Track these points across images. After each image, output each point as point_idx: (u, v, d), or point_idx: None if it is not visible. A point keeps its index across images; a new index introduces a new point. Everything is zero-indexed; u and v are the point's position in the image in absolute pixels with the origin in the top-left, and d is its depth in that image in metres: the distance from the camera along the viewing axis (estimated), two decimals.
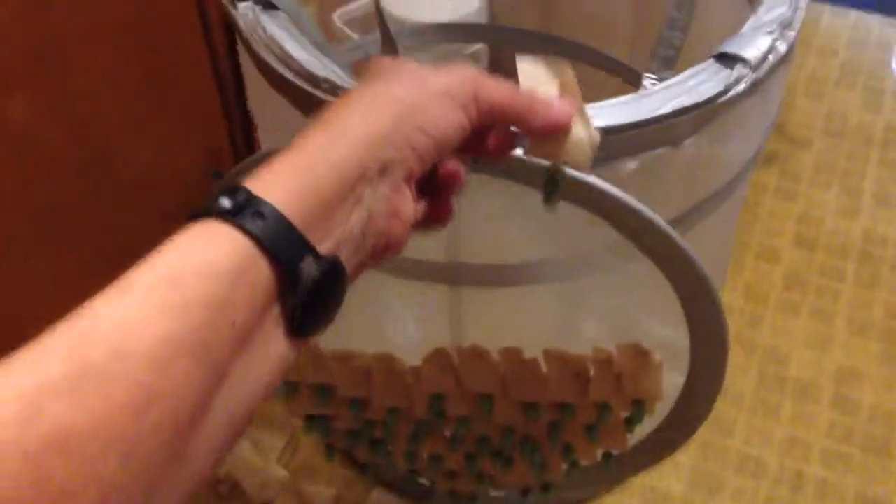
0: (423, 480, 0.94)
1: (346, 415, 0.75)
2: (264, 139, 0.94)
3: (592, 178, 0.58)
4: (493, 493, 0.91)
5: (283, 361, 0.31)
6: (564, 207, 0.60)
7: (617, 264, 0.73)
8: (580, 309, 0.84)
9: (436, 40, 1.07)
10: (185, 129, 1.18)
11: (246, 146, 1.30)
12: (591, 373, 0.70)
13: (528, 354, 0.71)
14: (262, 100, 0.79)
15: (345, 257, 0.33)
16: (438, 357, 0.72)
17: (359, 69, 0.40)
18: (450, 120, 0.35)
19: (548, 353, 0.70)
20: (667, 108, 0.63)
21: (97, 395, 0.25)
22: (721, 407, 1.08)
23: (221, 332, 0.28)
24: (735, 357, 1.20)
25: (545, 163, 0.50)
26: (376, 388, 0.73)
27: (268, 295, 0.30)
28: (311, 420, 0.79)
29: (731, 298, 1.29)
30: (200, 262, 0.29)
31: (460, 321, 0.77)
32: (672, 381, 0.73)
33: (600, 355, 0.70)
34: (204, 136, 1.23)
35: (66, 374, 0.25)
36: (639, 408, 0.70)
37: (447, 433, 0.78)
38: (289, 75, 0.67)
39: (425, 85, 0.35)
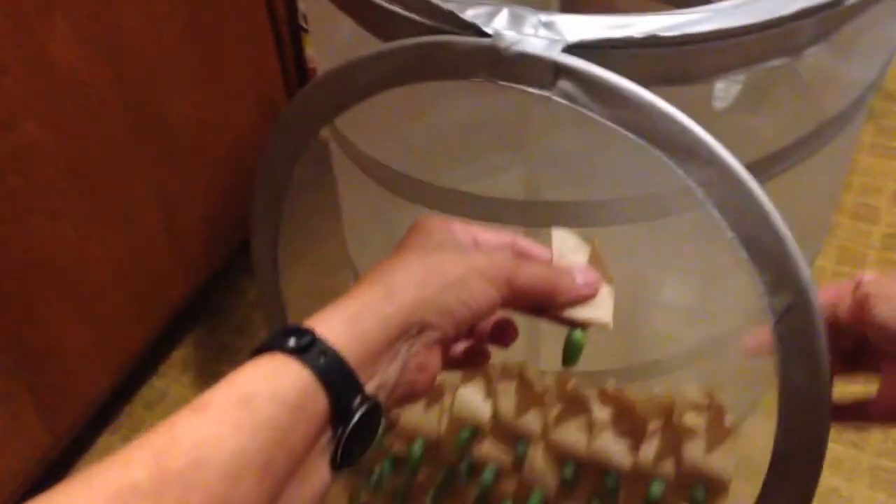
0: None
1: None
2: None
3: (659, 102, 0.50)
4: None
5: (323, 488, 0.35)
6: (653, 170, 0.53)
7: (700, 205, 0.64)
8: (660, 256, 0.75)
9: None
10: (236, 77, 1.12)
11: None
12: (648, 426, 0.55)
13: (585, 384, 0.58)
14: (323, 40, 0.72)
15: (381, 399, 0.37)
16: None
17: (412, 227, 0.45)
18: (485, 297, 0.40)
19: (603, 394, 0.57)
20: (789, 10, 0.54)
21: (177, 499, 0.29)
22: None
23: (282, 454, 0.32)
24: None
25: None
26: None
27: (321, 426, 0.34)
28: None
29: (821, 262, 1.18)
30: (270, 389, 0.33)
31: None
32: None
33: (658, 403, 0.55)
34: (257, 85, 1.17)
35: (151, 478, 0.29)
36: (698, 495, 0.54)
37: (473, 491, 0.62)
38: None
39: (468, 263, 0.40)
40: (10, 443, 0.93)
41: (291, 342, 0.34)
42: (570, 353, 0.46)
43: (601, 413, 0.55)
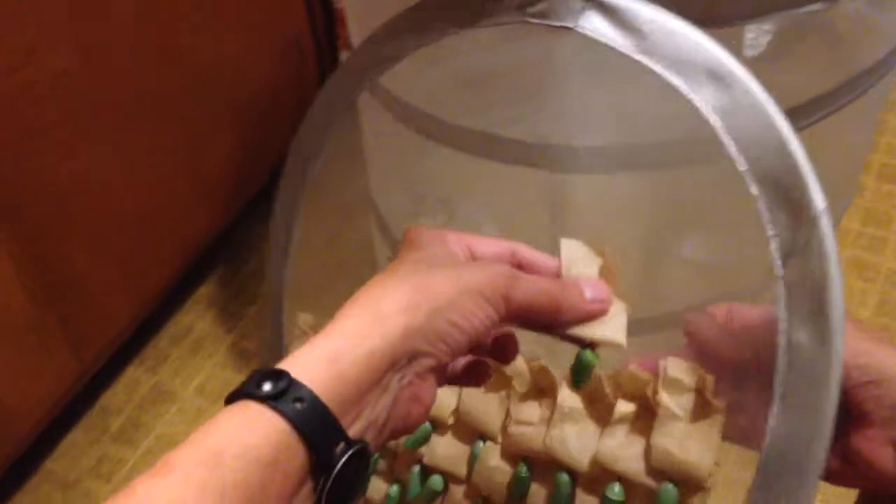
0: None
1: None
2: (355, 32, 0.86)
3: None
4: None
5: None
6: (675, 117, 0.52)
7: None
8: (677, 206, 0.75)
9: None
10: (262, 18, 1.11)
11: (327, 37, 1.24)
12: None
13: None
14: None
15: (369, 438, 0.34)
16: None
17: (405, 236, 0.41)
18: (481, 317, 0.36)
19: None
20: None
21: None
22: None
23: None
24: (853, 282, 1.09)
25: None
26: None
27: (300, 478, 0.31)
28: None
29: (846, 222, 1.17)
30: (240, 446, 0.30)
31: (561, 210, 0.70)
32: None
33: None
34: (282, 25, 1.16)
35: None
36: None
37: None
38: None
39: (461, 281, 0.36)
40: (40, 371, 0.95)
41: (265, 387, 0.31)
42: (580, 374, 0.42)
43: (569, 399, 0.46)
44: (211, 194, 1.14)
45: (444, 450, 0.50)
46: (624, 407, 0.44)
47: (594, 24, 0.50)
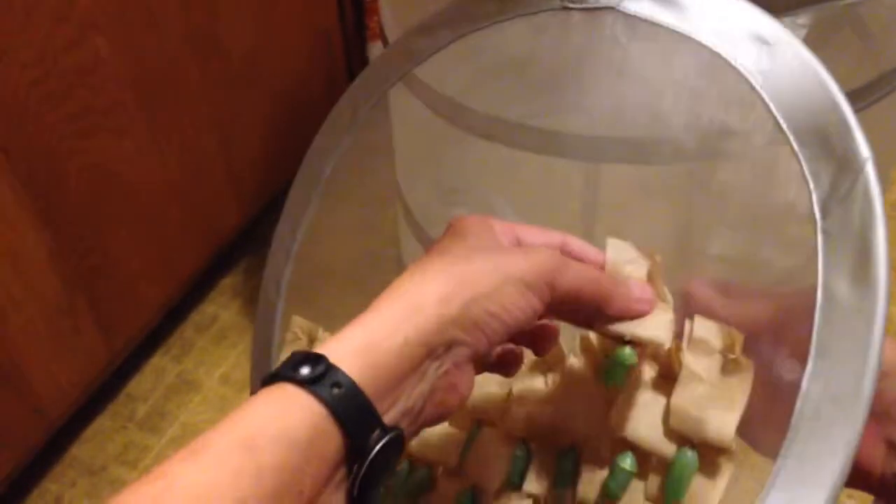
0: None
1: None
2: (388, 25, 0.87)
3: None
4: None
5: None
6: (715, 93, 0.52)
7: (759, 149, 0.64)
8: (711, 199, 0.75)
9: None
10: (294, 8, 1.12)
11: (356, 30, 1.25)
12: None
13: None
14: None
15: (405, 425, 0.34)
16: None
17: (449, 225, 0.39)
18: (521, 306, 0.36)
19: (585, 341, 0.44)
20: None
21: None
22: None
23: (290, 499, 0.29)
24: None
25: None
26: None
27: (335, 463, 0.31)
28: None
29: None
30: (276, 429, 0.30)
31: (592, 202, 0.70)
32: None
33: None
34: (313, 17, 1.17)
35: None
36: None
37: None
38: None
39: (502, 268, 0.36)
40: (70, 353, 0.97)
41: (303, 371, 0.31)
42: (614, 371, 0.40)
43: (577, 368, 0.43)
44: (242, 184, 1.15)
45: (438, 438, 0.47)
46: (643, 373, 0.41)
47: (635, 4, 0.51)
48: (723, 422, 0.38)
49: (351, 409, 0.31)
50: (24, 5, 0.78)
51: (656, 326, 0.39)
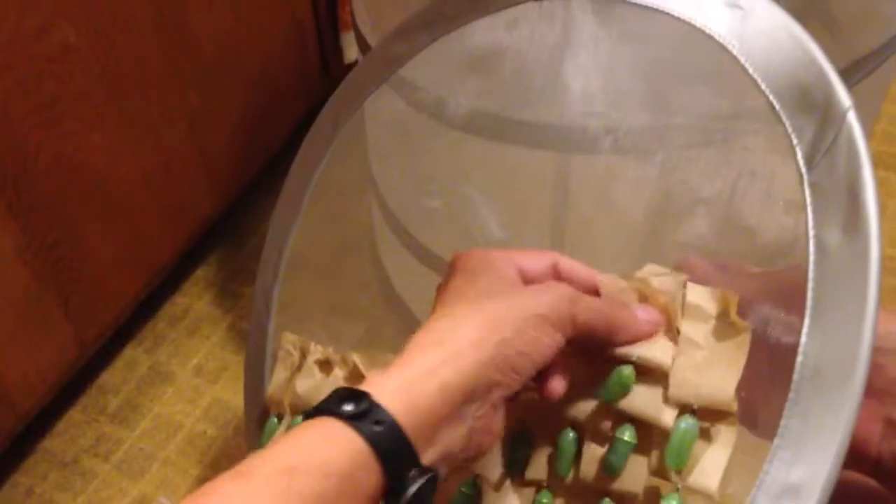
0: None
1: None
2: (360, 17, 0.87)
3: None
4: None
5: None
6: (689, 66, 0.52)
7: (740, 135, 0.64)
8: (692, 190, 0.76)
9: None
10: None
11: (329, 20, 1.24)
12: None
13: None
14: None
15: (442, 466, 0.35)
16: None
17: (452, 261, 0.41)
18: (547, 343, 0.37)
19: None
20: None
21: None
22: None
23: None
24: None
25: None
26: None
27: (372, 498, 0.32)
28: None
29: None
30: (318, 460, 0.31)
31: (566, 191, 0.71)
32: None
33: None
34: (286, 7, 1.16)
35: None
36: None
37: None
38: None
39: (525, 306, 0.37)
40: (40, 346, 0.96)
41: (346, 407, 0.33)
42: (614, 389, 0.40)
43: (570, 350, 0.41)
44: (215, 174, 1.14)
45: None
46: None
47: None
48: (722, 383, 0.38)
49: (391, 446, 0.32)
50: None
51: (657, 350, 0.40)
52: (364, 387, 0.34)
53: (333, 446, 0.32)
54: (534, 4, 0.55)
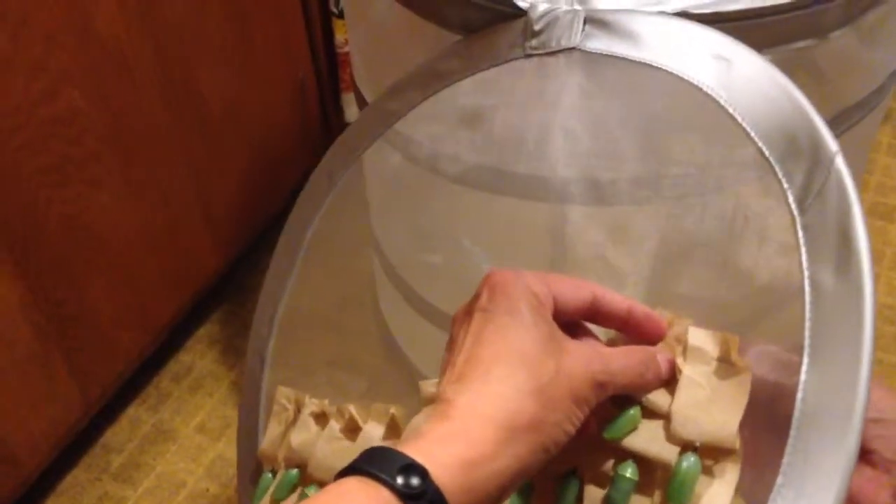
0: None
1: None
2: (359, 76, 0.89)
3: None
4: None
5: None
6: (679, 117, 0.53)
7: (732, 182, 0.65)
8: (688, 238, 0.77)
9: None
10: (269, 59, 1.14)
11: (330, 81, 1.27)
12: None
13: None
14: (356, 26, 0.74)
15: None
16: None
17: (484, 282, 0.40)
18: (581, 417, 0.37)
19: None
20: None
21: None
22: None
23: None
24: None
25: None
26: None
27: None
28: None
29: None
30: None
31: (563, 242, 0.72)
32: None
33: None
34: (289, 69, 1.19)
35: None
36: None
37: None
38: None
39: (572, 389, 0.37)
40: (44, 405, 0.96)
41: (400, 480, 0.32)
42: (619, 426, 0.40)
43: None
44: (219, 232, 1.16)
45: None
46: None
47: (595, 42, 0.52)
48: (724, 421, 0.38)
49: None
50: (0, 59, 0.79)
51: (665, 395, 0.40)
52: (415, 451, 0.33)
53: None
54: (524, 61, 0.57)
